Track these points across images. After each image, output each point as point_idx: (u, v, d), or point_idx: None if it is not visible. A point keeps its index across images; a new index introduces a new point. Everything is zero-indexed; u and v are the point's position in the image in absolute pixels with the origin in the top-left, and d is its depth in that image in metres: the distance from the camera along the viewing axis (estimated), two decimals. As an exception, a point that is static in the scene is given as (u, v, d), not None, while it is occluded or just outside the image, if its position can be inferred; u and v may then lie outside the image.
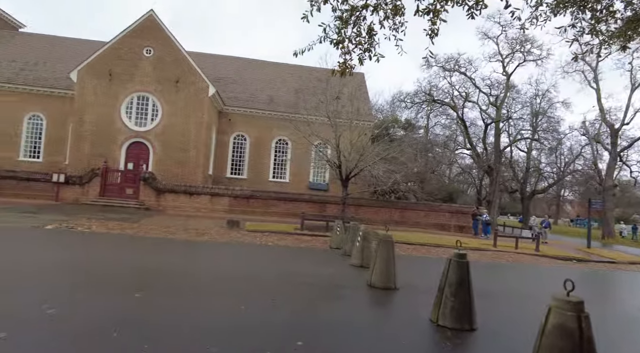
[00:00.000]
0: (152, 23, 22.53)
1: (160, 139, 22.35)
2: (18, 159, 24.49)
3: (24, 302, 4.63)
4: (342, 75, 4.98)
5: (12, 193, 20.07)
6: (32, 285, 5.46)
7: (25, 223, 11.82)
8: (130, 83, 22.19)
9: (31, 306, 4.47)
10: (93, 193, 20.35)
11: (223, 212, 20.89)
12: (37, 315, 4.19)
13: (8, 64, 25.75)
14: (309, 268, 8.37)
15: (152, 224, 14.18)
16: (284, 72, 30.27)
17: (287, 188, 26.00)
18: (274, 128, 26.65)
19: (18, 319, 4.05)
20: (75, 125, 21.95)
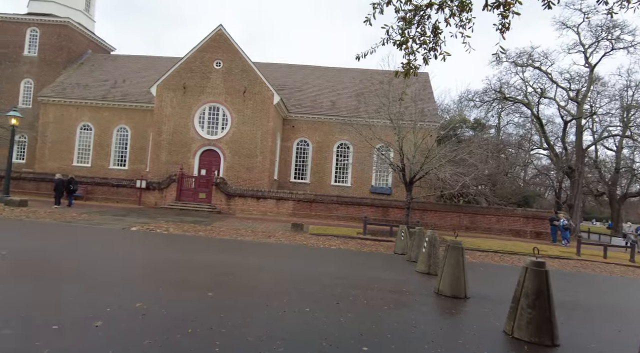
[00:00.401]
0: (221, 37, 23.97)
1: (229, 146, 23.63)
2: (109, 167, 27.41)
3: (116, 295, 5.15)
4: (406, 76, 4.86)
5: (104, 198, 22.49)
6: (122, 281, 6.07)
7: (116, 225, 13.15)
8: (202, 95, 23.79)
9: (121, 299, 4.96)
10: (170, 198, 22.06)
11: (287, 216, 21.46)
12: (126, 307, 4.64)
13: (102, 83, 28.99)
14: (373, 273, 8.26)
15: (223, 227, 14.99)
16: (346, 77, 30.45)
17: (348, 193, 26.01)
18: (335, 132, 26.86)
19: (111, 310, 4.51)
20: (155, 135, 24.01)
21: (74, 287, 5.40)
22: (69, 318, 4.16)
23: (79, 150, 27.84)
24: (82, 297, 4.95)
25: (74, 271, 6.48)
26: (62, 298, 4.87)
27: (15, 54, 30.14)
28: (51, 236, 10.30)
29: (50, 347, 3.47)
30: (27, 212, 14.90)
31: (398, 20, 4.47)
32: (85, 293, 5.13)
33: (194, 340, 3.83)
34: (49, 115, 27.81)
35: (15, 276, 5.87)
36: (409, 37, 4.53)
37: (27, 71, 29.95)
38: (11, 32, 30.22)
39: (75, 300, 4.81)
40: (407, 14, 4.40)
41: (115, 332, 3.90)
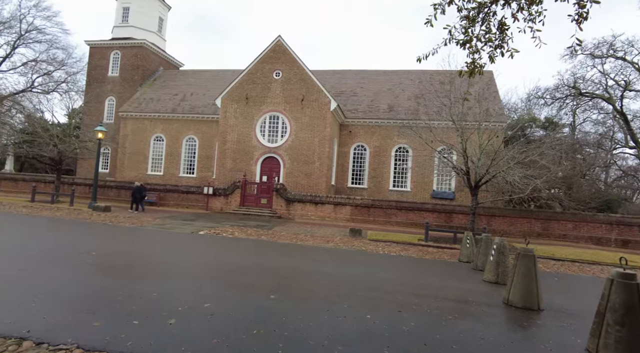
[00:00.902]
0: (280, 47, 24.78)
1: (288, 153, 24.25)
2: (179, 175, 29.42)
3: (187, 295, 5.50)
4: (471, 76, 4.67)
5: (175, 204, 24.17)
6: (192, 282, 6.46)
7: (186, 230, 14.05)
8: (263, 104, 24.72)
9: (191, 299, 5.28)
10: (234, 203, 23.12)
11: (345, 221, 21.46)
12: (196, 307, 4.93)
13: (172, 97, 31.32)
14: (436, 281, 7.96)
15: (283, 231, 15.38)
16: (404, 79, 29.90)
17: (408, 198, 25.39)
18: (393, 136, 26.42)
19: (182, 309, 4.82)
20: (220, 144, 25.35)
21: (150, 286, 5.85)
22: (147, 315, 4.52)
23: (153, 160, 30.23)
24: (157, 296, 5.35)
25: (150, 271, 7.04)
26: (141, 295, 5.30)
27: (102, 75, 33.64)
28: (130, 239, 11.27)
29: (132, 339, 3.79)
30: (110, 216, 16.47)
31: (461, 19, 4.31)
32: (160, 292, 5.53)
33: (259, 342, 3.96)
34: (128, 128, 30.58)
35: (103, 274, 6.51)
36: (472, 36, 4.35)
37: (111, 90, 33.26)
38: (99, 56, 33.83)
39: (151, 298, 5.21)
40: (471, 11, 4.23)
41: (186, 330, 4.16)
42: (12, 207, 17.71)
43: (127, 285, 5.84)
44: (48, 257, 7.59)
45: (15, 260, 7.05)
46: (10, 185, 27.30)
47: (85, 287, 5.58)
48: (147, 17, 35.01)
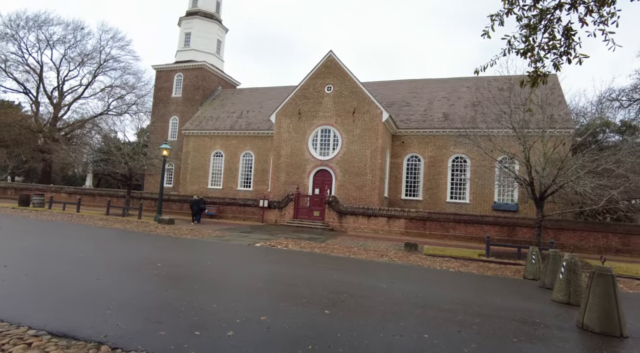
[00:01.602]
0: (332, 62, 25.19)
1: (340, 166, 24.35)
2: (237, 189, 30.66)
3: (244, 307, 5.66)
4: (534, 85, 4.41)
5: (233, 216, 25.16)
6: (248, 294, 6.65)
7: (243, 241, 14.55)
8: (315, 119, 25.17)
9: (248, 311, 5.43)
10: (288, 216, 23.56)
11: (399, 234, 20.96)
12: (253, 320, 5.06)
13: (230, 114, 32.93)
14: (500, 300, 7.48)
15: (336, 244, 15.36)
16: (459, 87, 28.96)
17: (467, 210, 24.28)
18: (449, 146, 25.54)
19: (240, 321, 4.97)
20: (274, 158, 26.10)
21: (210, 297, 6.10)
22: (208, 326, 4.72)
23: (213, 174, 31.82)
24: (217, 307, 5.57)
25: (210, 282, 7.35)
26: (201, 306, 5.55)
27: (166, 96, 36.32)
28: (192, 250, 11.89)
29: (194, 349, 3.97)
30: (173, 229, 17.51)
31: (521, 28, 4.12)
32: (220, 304, 5.75)
33: (313, 357, 3.96)
34: (190, 145, 32.55)
35: (167, 285, 6.91)
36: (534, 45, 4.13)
37: (174, 109, 35.74)
38: (164, 79, 36.63)
39: (211, 310, 5.43)
40: (532, 19, 4.03)
41: (244, 342, 4.27)
42: (90, 220, 19.48)
43: (189, 296, 6.14)
44: (120, 267, 8.22)
45: (94, 270, 7.71)
46: (89, 199, 30.09)
47: (151, 297, 5.96)
48: (206, 40, 37.38)
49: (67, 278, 6.88)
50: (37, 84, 42.92)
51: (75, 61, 43.08)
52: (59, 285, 6.30)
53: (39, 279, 6.64)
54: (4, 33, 40.61)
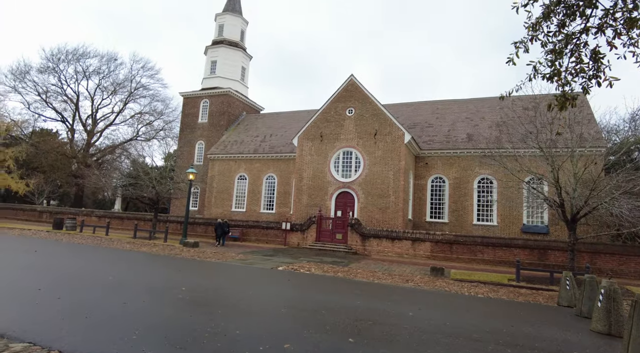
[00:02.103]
0: (353, 86, 25.53)
1: (363, 188, 24.24)
2: (260, 211, 30.90)
3: (268, 333, 5.61)
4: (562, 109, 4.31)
5: (256, 239, 25.26)
6: (272, 320, 6.59)
7: (266, 265, 14.54)
8: (337, 141, 25.35)
9: (272, 338, 5.37)
10: (310, 239, 23.45)
11: (425, 258, 20.45)
12: (277, 347, 4.99)
13: (254, 138, 33.63)
14: (533, 329, 7.11)
15: (359, 268, 15.12)
16: (483, 107, 28.67)
17: (494, 232, 23.53)
18: (474, 167, 25.08)
19: (263, 349, 4.91)
20: (297, 181, 26.29)
21: (234, 323, 6.08)
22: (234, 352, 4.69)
23: (237, 197, 32.26)
24: (240, 333, 5.54)
25: (233, 307, 7.34)
26: (225, 332, 5.53)
27: (193, 122, 37.54)
28: (216, 274, 11.96)
29: (216, 379, 3.94)
30: (198, 252, 17.71)
31: (546, 54, 4.09)
32: (243, 330, 5.72)
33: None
34: (215, 169, 33.27)
35: (191, 309, 6.95)
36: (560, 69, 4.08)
37: (200, 135, 36.82)
38: (191, 105, 37.98)
39: (235, 336, 5.40)
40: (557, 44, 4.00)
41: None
42: (118, 243, 19.99)
43: (212, 321, 6.14)
44: (146, 291, 8.34)
45: (121, 294, 7.86)
46: (117, 222, 30.97)
47: (176, 322, 6.00)
48: (231, 68, 38.74)
49: (96, 301, 7.03)
50: (73, 112, 45.36)
51: (108, 90, 45.41)
52: (88, 309, 6.44)
53: (70, 303, 6.81)
54: (46, 66, 43.45)
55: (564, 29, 3.97)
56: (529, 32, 4.02)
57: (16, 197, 41.17)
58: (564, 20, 3.94)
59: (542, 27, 4.00)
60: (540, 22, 3.98)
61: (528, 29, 4.02)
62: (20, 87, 42.99)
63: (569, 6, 3.94)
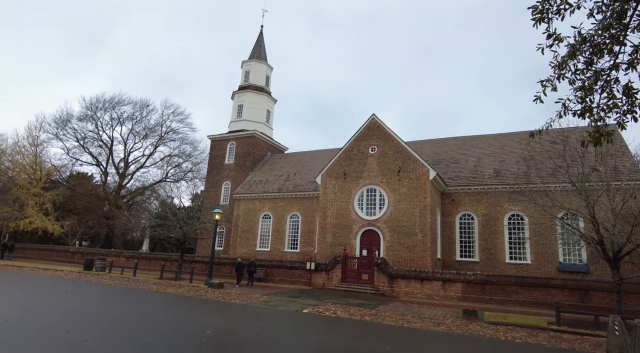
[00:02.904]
0: (375, 124, 25.84)
1: (388, 226, 23.80)
2: (284, 251, 30.69)
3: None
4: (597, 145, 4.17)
5: (280, 280, 24.90)
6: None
7: (290, 307, 14.21)
8: (360, 179, 25.35)
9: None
10: (336, 279, 22.89)
11: (456, 299, 19.48)
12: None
13: (278, 178, 34.13)
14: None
15: (387, 311, 14.52)
16: (509, 142, 28.24)
17: (529, 271, 22.33)
18: (504, 203, 24.31)
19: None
20: (321, 219, 26.15)
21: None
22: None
23: (261, 237, 32.28)
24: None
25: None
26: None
27: (220, 163, 38.64)
28: (241, 316, 11.75)
29: None
30: (223, 293, 17.57)
31: (575, 91, 4.05)
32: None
33: None
34: (240, 208, 33.68)
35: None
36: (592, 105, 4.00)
37: (227, 175, 37.72)
38: (218, 147, 39.29)
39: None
40: (586, 81, 3.96)
41: None
42: (145, 284, 20.14)
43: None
44: (171, 334, 8.26)
45: (147, 336, 7.81)
46: (145, 263, 31.37)
47: (199, 367, 5.85)
48: (257, 111, 40.21)
49: (122, 343, 7.00)
50: (107, 156, 47.70)
51: (140, 135, 47.75)
52: (116, 351, 6.40)
53: (99, 346, 6.81)
54: (85, 114, 46.47)
55: (592, 66, 3.93)
56: (555, 71, 4.01)
57: (51, 238, 42.72)
58: (591, 58, 3.92)
59: (568, 65, 3.98)
60: (566, 61, 3.97)
61: (555, 68, 4.01)
62: (61, 134, 45.93)
63: (596, 45, 3.92)
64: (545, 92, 4.04)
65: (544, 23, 3.91)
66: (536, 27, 3.93)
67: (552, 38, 3.97)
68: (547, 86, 4.02)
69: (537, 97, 4.07)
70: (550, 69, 4.14)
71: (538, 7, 3.85)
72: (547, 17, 3.85)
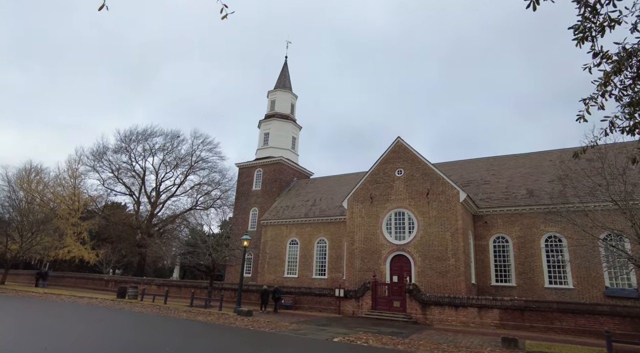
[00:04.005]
0: (400, 147, 25.68)
1: (419, 250, 23.15)
2: (312, 277, 30.29)
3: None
4: None
5: (308, 307, 24.46)
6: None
7: (320, 336, 13.86)
8: (387, 202, 25.00)
9: None
10: (366, 307, 22.25)
11: (493, 327, 18.46)
12: None
13: (304, 203, 34.19)
14: None
15: (421, 339, 13.90)
16: (542, 161, 27.30)
17: (571, 297, 21.01)
18: (539, 225, 23.27)
19: None
20: (348, 244, 25.79)
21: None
22: None
23: (289, 263, 32.09)
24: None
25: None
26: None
27: (247, 190, 39.24)
28: (270, 345, 11.54)
29: None
30: (252, 321, 17.39)
31: (623, 108, 3.90)
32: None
33: None
34: (268, 234, 33.79)
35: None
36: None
37: (254, 202, 38.16)
38: (246, 174, 40.03)
39: None
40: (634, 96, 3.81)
41: None
42: (175, 312, 20.26)
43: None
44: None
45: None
46: (175, 290, 31.69)
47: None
48: (282, 138, 40.96)
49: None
50: (139, 186, 49.45)
51: (171, 164, 49.41)
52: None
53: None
54: (120, 146, 48.74)
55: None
56: (600, 88, 3.88)
57: (87, 267, 44.09)
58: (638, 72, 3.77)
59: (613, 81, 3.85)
60: (610, 77, 3.84)
61: (599, 86, 3.87)
62: (98, 166, 48.22)
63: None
64: (588, 110, 3.90)
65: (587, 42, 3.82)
66: (579, 46, 3.83)
67: (599, 56, 3.86)
68: (593, 105, 3.89)
69: (580, 116, 3.93)
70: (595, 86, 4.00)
71: (579, 27, 3.77)
72: (591, 36, 3.76)
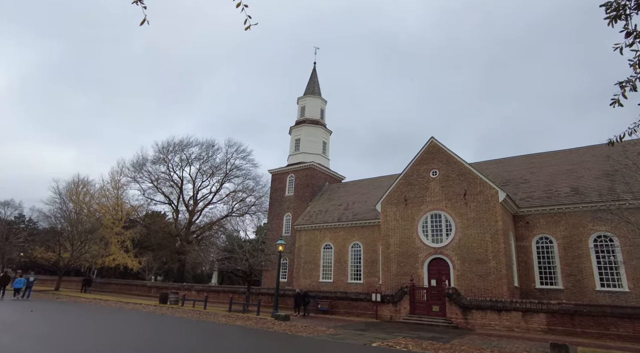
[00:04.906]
0: (434, 148, 25.13)
1: (457, 253, 22.48)
2: (347, 282, 30.09)
3: None
4: None
5: (345, 312, 24.28)
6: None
7: (358, 341, 13.71)
8: (422, 204, 24.48)
9: None
10: (404, 311, 21.80)
11: (540, 332, 17.56)
12: None
13: (337, 207, 34.13)
14: None
15: (463, 344, 13.43)
16: (585, 156, 25.89)
17: (627, 300, 19.68)
18: (587, 223, 22.00)
19: None
20: (383, 248, 25.43)
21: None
22: None
23: (323, 267, 32.06)
24: None
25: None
26: None
27: (280, 196, 39.69)
28: (309, 350, 11.53)
29: None
30: (289, 326, 17.47)
31: None
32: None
33: None
34: (302, 239, 33.95)
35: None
36: None
37: (287, 207, 38.53)
38: (279, 181, 40.54)
39: None
40: None
41: None
42: (215, 317, 20.71)
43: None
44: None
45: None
46: (214, 296, 32.42)
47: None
48: (313, 144, 41.20)
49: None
50: (178, 195, 51.16)
51: (207, 173, 50.81)
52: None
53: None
54: (158, 157, 50.72)
55: None
56: (636, 70, 3.63)
57: (131, 274, 46.05)
58: None
59: None
60: None
61: (635, 66, 3.63)
62: (138, 177, 50.37)
63: None
64: (625, 94, 3.65)
65: (620, 20, 3.59)
66: (612, 25, 3.61)
67: (632, 36, 3.62)
68: (627, 87, 3.63)
69: (615, 100, 3.69)
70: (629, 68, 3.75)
71: (612, 4, 3.55)
72: (625, 14, 3.53)
